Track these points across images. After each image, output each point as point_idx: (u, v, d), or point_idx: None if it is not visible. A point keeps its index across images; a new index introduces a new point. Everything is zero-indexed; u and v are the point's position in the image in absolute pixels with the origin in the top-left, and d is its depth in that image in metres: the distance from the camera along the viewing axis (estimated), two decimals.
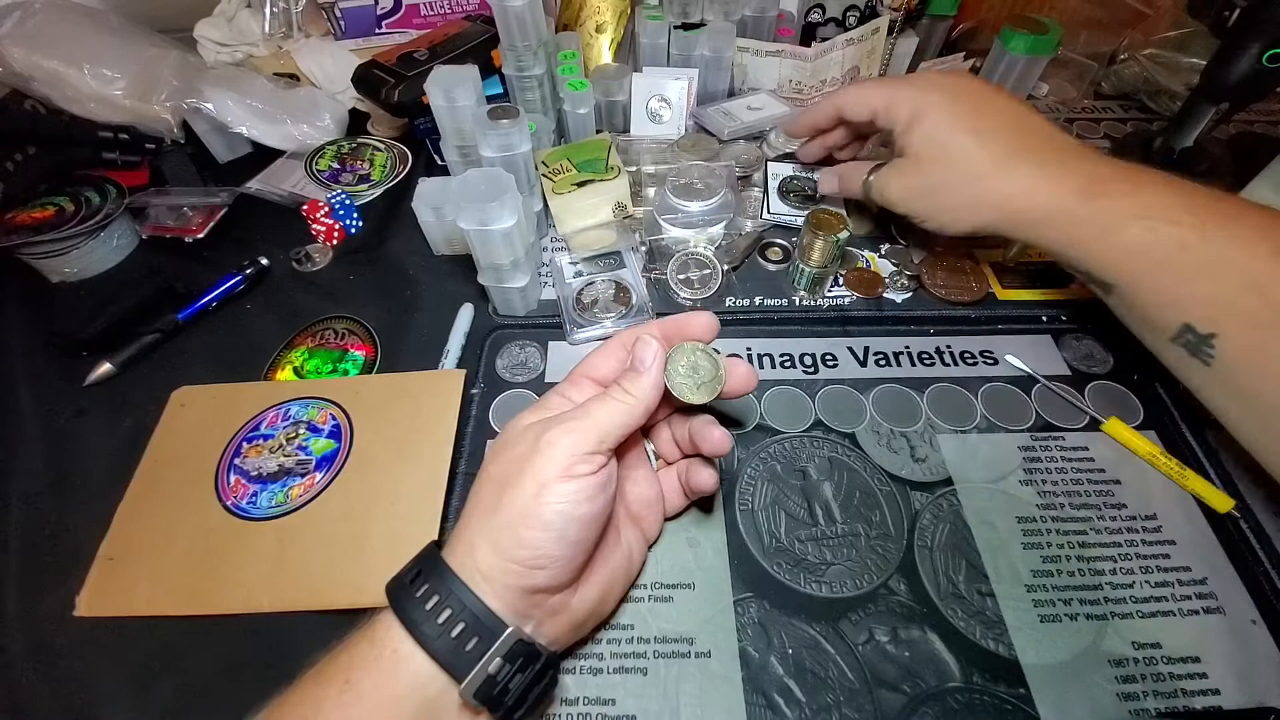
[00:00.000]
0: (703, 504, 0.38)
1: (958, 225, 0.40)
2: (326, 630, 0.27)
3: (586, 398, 0.31)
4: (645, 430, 0.36)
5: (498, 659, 0.25)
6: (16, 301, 0.51)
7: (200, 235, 0.54)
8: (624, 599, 0.34)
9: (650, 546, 0.36)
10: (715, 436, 0.32)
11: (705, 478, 0.34)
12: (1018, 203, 0.37)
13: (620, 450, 0.32)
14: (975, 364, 0.44)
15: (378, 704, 0.25)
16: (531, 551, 0.26)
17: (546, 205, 0.52)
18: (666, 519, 0.36)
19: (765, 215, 0.53)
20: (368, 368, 0.46)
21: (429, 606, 0.25)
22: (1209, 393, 0.34)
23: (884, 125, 0.42)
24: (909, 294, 0.49)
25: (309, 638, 0.33)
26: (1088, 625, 0.33)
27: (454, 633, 0.25)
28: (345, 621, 0.28)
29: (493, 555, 0.26)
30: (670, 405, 0.35)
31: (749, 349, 0.46)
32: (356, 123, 0.67)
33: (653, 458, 0.36)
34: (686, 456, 0.35)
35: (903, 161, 0.41)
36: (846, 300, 0.49)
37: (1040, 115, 0.39)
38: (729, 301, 0.49)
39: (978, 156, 0.38)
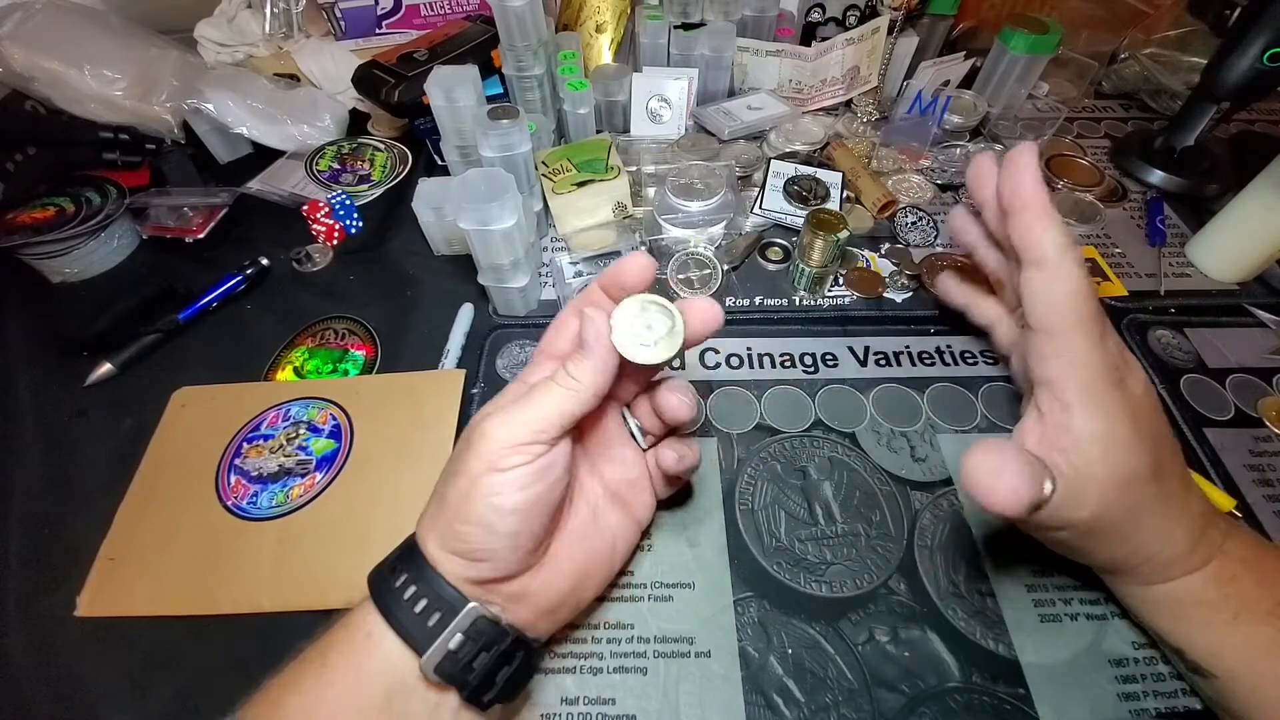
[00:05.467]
0: (699, 494, 0.35)
1: (1076, 558, 0.32)
2: None
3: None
4: (628, 404, 0.34)
5: (459, 635, 0.25)
6: (17, 302, 0.51)
7: (200, 235, 0.54)
8: (611, 586, 0.33)
9: (644, 532, 0.34)
10: (672, 403, 0.29)
11: (668, 457, 0.31)
12: (1159, 570, 0.30)
13: (590, 428, 0.31)
14: (975, 364, 0.44)
15: (350, 684, 0.25)
16: (468, 545, 0.26)
17: (546, 205, 0.52)
18: (660, 501, 0.34)
19: (757, 210, 0.53)
20: (368, 368, 0.46)
21: (398, 586, 0.26)
22: None
23: (1032, 348, 0.30)
24: (909, 294, 0.49)
25: (309, 638, 0.33)
26: (1088, 625, 0.33)
27: (418, 609, 0.25)
28: (335, 615, 0.28)
29: (440, 549, 0.26)
30: (643, 374, 0.31)
31: (749, 349, 0.46)
32: (357, 123, 0.67)
33: (638, 434, 0.33)
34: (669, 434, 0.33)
35: (1063, 469, 0.28)
36: (846, 300, 0.49)
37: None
38: (729, 301, 0.49)
39: (1151, 504, 0.28)
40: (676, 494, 0.37)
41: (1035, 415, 0.29)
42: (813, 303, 0.49)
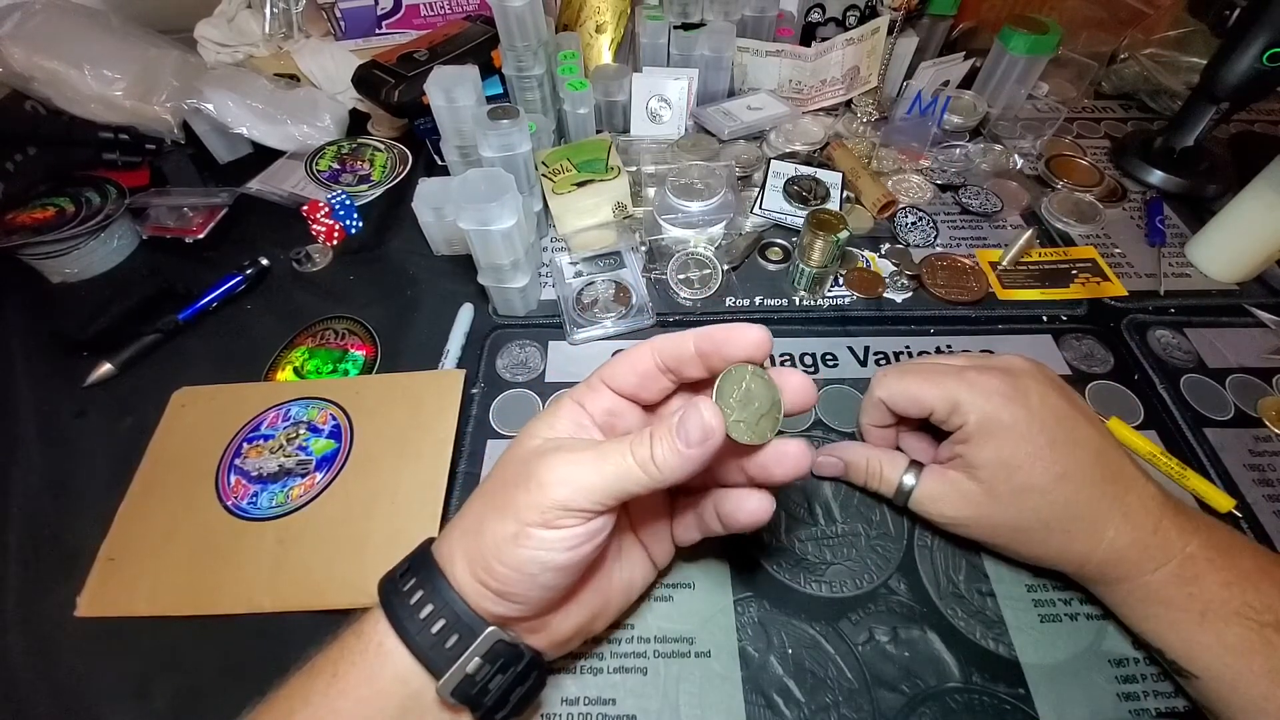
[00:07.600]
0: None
1: (1026, 560, 0.34)
2: (327, 630, 0.27)
3: (603, 409, 0.29)
4: None
5: (476, 659, 0.25)
6: (16, 302, 0.51)
7: (201, 235, 0.54)
8: (620, 619, 0.33)
9: (661, 573, 0.33)
10: (750, 506, 0.27)
11: (752, 505, 0.28)
12: (1107, 570, 0.31)
13: None
14: None
15: (362, 697, 0.25)
16: (504, 586, 0.25)
17: (546, 205, 0.52)
18: (679, 547, 0.33)
19: (757, 210, 0.53)
20: (368, 368, 0.46)
21: (413, 602, 0.25)
22: None
23: (942, 425, 0.34)
24: (909, 294, 0.49)
25: (309, 638, 0.32)
26: (1088, 625, 0.33)
27: (435, 629, 0.25)
28: (345, 621, 0.28)
29: (468, 574, 0.25)
30: None
31: None
32: (357, 123, 0.67)
33: None
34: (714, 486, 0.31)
35: (965, 482, 0.32)
36: (846, 300, 0.49)
37: (1115, 441, 0.32)
38: (729, 301, 0.49)
39: (1060, 510, 0.30)
40: None
41: (947, 442, 0.34)
42: (813, 303, 0.49)
